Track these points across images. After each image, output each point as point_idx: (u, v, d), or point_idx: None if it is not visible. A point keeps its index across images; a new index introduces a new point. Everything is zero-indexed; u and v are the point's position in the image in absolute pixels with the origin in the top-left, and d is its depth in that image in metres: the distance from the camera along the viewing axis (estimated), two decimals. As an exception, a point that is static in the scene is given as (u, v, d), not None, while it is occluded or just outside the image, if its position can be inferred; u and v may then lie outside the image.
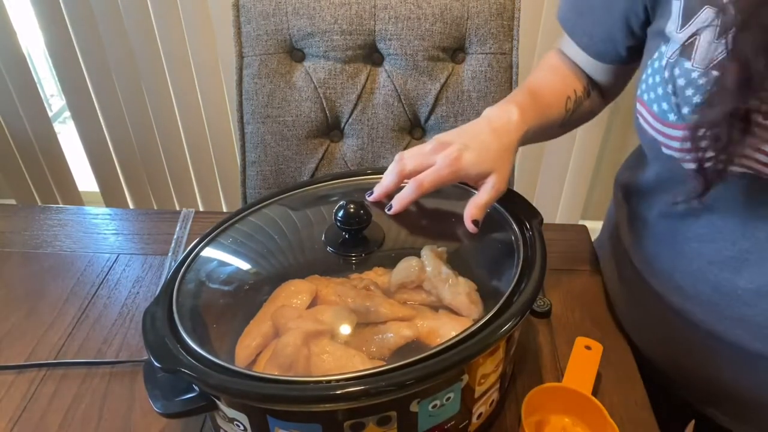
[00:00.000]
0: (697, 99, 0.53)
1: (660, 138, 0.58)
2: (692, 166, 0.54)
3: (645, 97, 0.59)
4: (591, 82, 0.75)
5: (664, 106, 0.56)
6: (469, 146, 0.61)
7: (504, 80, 1.03)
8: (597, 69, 0.73)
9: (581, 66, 0.74)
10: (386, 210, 0.63)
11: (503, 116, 0.64)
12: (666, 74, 0.56)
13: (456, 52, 1.03)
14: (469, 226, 0.60)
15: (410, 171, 0.62)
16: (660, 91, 0.57)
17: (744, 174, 0.53)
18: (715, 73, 0.51)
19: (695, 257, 0.62)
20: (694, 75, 0.53)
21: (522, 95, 0.68)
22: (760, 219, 0.56)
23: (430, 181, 0.60)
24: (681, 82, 0.54)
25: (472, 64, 1.02)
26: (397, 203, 0.62)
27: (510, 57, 1.02)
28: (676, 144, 0.56)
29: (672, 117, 0.55)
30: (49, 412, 0.65)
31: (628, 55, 0.67)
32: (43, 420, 0.64)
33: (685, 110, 0.54)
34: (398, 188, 0.63)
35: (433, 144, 0.63)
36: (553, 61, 0.76)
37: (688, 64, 0.53)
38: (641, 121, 0.61)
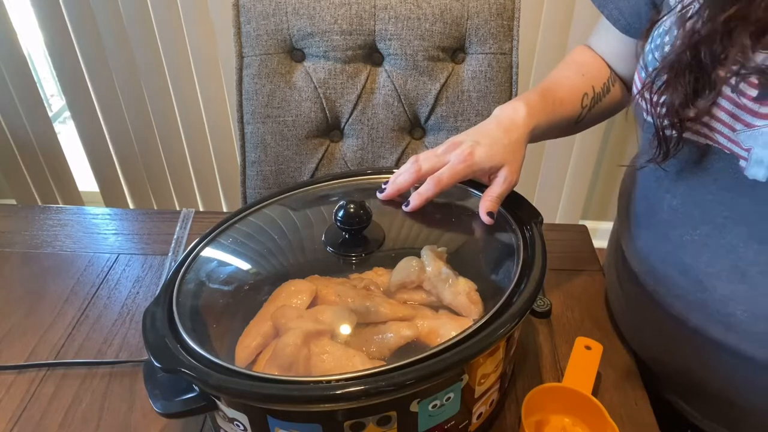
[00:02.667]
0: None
1: (642, 103, 0.60)
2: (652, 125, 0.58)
3: (640, 62, 0.62)
4: (614, 77, 0.76)
5: (651, 70, 0.58)
6: (480, 142, 0.64)
7: (504, 80, 1.03)
8: (623, 52, 0.73)
9: (608, 55, 0.76)
10: (403, 206, 0.65)
11: (511, 113, 0.67)
12: (658, 41, 0.58)
13: (456, 52, 1.03)
14: (485, 218, 0.63)
15: (426, 170, 0.64)
16: (650, 57, 0.59)
17: (701, 148, 0.56)
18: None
19: (664, 240, 0.64)
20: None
21: (533, 93, 0.70)
22: (718, 203, 0.57)
23: (448, 177, 0.63)
24: (668, 48, 0.56)
25: (472, 64, 1.02)
26: (416, 199, 0.64)
27: (510, 57, 1.02)
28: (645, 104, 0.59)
29: None
30: (49, 412, 0.65)
31: None
32: (43, 420, 0.64)
33: None
34: (411, 188, 0.66)
35: (445, 145, 0.66)
36: (576, 57, 0.78)
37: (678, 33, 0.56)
38: (634, 89, 0.63)
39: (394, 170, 0.74)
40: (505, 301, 0.53)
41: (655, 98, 0.57)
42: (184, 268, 0.61)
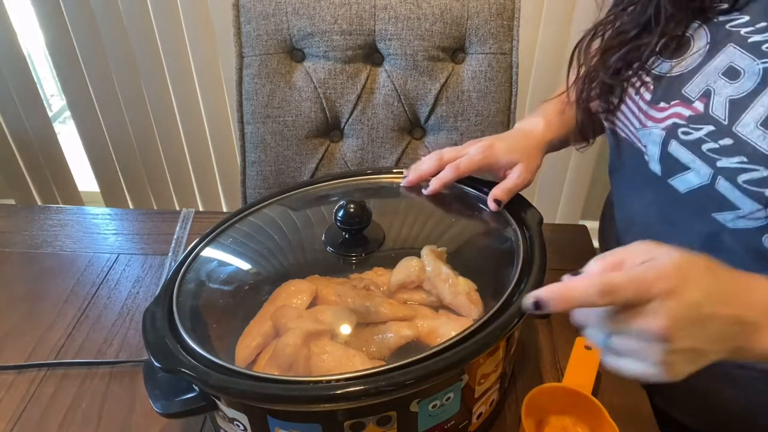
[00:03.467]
0: None
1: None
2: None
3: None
4: None
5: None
6: (500, 138, 0.70)
7: (504, 80, 1.03)
8: None
9: None
10: (423, 190, 0.69)
11: (530, 126, 0.73)
12: None
13: (456, 52, 1.03)
14: (491, 204, 0.65)
15: (447, 160, 0.69)
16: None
17: (621, 141, 0.64)
18: None
19: (618, 220, 0.72)
20: None
21: (552, 105, 0.76)
22: (643, 187, 0.63)
23: (466, 164, 0.67)
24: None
25: (472, 64, 1.02)
26: (436, 183, 0.68)
27: (510, 57, 1.02)
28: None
29: None
30: (49, 412, 0.65)
31: None
32: (43, 420, 0.64)
33: None
34: (431, 176, 0.69)
35: (467, 142, 0.71)
36: None
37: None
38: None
39: (395, 170, 0.74)
40: (505, 300, 0.53)
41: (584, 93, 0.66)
42: (184, 268, 0.61)
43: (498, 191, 0.66)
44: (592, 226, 0.89)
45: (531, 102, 1.65)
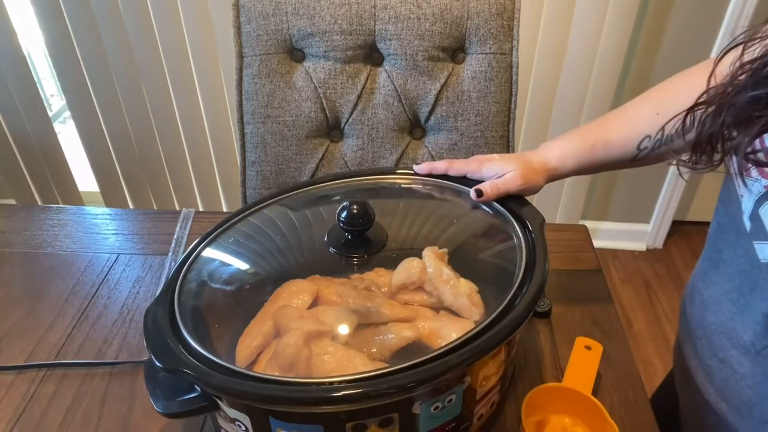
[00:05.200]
0: None
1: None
2: None
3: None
4: None
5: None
6: (503, 155, 0.73)
7: (504, 80, 1.03)
8: None
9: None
10: (414, 166, 0.74)
11: (540, 150, 0.74)
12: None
13: (456, 52, 1.03)
14: (472, 192, 0.68)
15: (457, 164, 0.73)
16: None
17: (728, 178, 0.57)
18: None
19: (703, 259, 0.65)
20: None
21: (575, 134, 0.73)
22: (734, 235, 0.57)
23: (460, 162, 0.72)
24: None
25: (472, 64, 1.02)
26: (425, 166, 0.73)
27: (510, 57, 1.02)
28: None
29: None
30: (49, 412, 0.65)
31: None
32: (43, 420, 0.64)
33: None
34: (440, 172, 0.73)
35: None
36: (667, 87, 0.69)
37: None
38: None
39: (399, 171, 0.74)
40: (508, 303, 0.52)
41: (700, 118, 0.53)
42: (185, 267, 0.61)
43: (485, 184, 0.68)
44: (592, 226, 0.89)
45: (531, 102, 1.66)
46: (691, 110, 0.53)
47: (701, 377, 0.63)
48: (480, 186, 0.67)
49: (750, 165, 0.51)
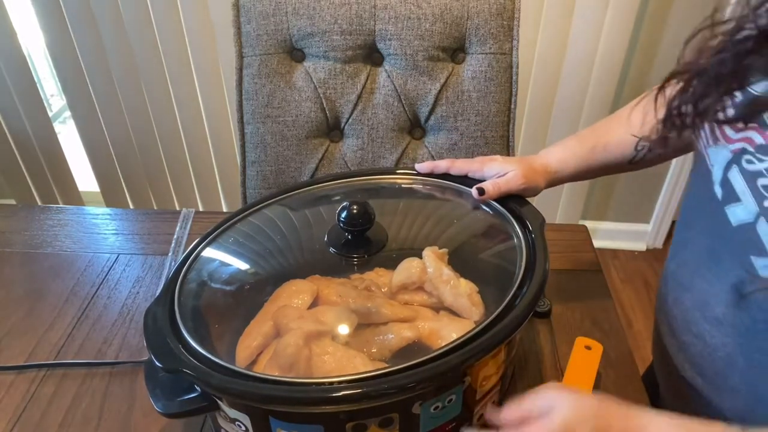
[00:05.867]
0: None
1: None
2: None
3: None
4: None
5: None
6: (505, 157, 0.73)
7: (504, 80, 1.03)
8: None
9: None
10: (416, 165, 0.73)
11: (541, 154, 0.75)
12: None
13: (456, 52, 1.03)
14: (473, 191, 0.68)
15: (458, 164, 0.73)
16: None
17: (698, 153, 0.59)
18: None
19: (674, 243, 0.67)
20: None
21: (574, 138, 0.75)
22: (702, 210, 0.59)
23: (462, 162, 0.72)
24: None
25: (472, 64, 1.02)
26: (427, 165, 0.73)
27: (510, 57, 1.02)
28: None
29: None
30: (49, 412, 0.65)
31: None
32: (43, 420, 0.64)
33: None
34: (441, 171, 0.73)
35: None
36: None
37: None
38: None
39: (399, 171, 0.74)
40: (508, 303, 0.52)
41: (669, 93, 0.59)
42: (185, 267, 0.61)
43: (487, 183, 0.68)
44: (592, 226, 0.89)
45: (531, 102, 1.66)
46: (662, 88, 0.59)
47: (678, 355, 0.63)
48: (481, 184, 0.68)
49: (718, 133, 0.54)
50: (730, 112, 0.53)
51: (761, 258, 0.49)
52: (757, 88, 0.52)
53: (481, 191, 0.67)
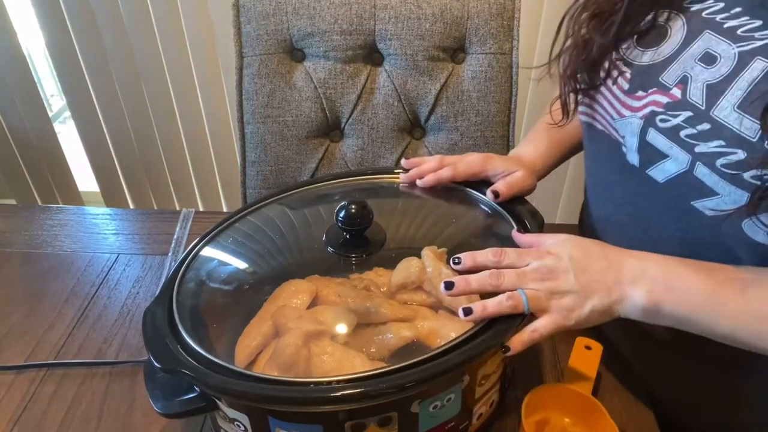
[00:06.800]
0: None
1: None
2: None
3: None
4: None
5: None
6: (499, 155, 0.73)
7: (504, 80, 1.03)
8: None
9: None
10: (418, 182, 0.71)
11: (521, 152, 0.77)
12: None
13: (456, 52, 1.03)
14: (489, 195, 0.68)
15: (447, 162, 0.72)
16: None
17: (598, 132, 0.64)
18: None
19: (589, 217, 0.71)
20: None
21: (541, 134, 0.78)
22: (614, 184, 0.63)
23: (464, 165, 0.71)
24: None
25: (472, 64, 1.02)
26: (432, 177, 0.71)
27: (510, 57, 1.02)
28: None
29: None
30: (49, 412, 0.65)
31: None
32: (43, 420, 0.64)
33: None
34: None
35: (468, 153, 0.74)
36: None
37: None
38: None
39: (395, 170, 0.74)
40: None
41: (562, 65, 0.65)
42: (184, 267, 0.61)
43: (499, 184, 0.68)
44: (592, 226, 0.89)
45: (531, 102, 1.65)
46: (558, 56, 0.64)
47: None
48: (494, 187, 0.68)
49: (619, 106, 0.59)
50: (625, 85, 0.58)
51: (705, 199, 0.52)
52: (644, 58, 0.57)
53: (496, 194, 0.67)
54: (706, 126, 0.51)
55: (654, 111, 0.55)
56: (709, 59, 0.52)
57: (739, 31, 0.51)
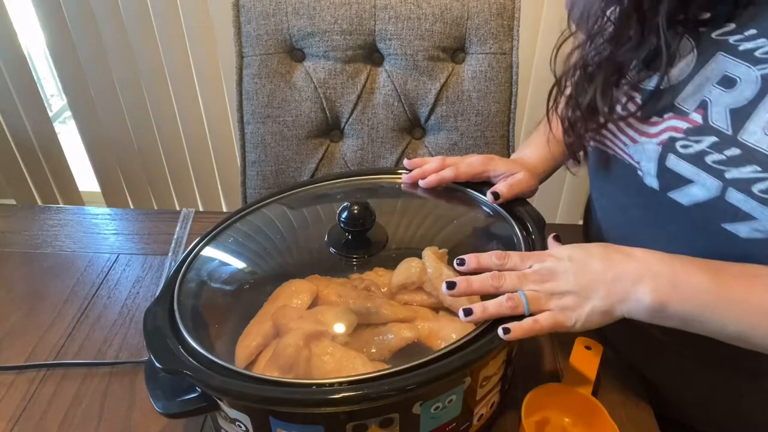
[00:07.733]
0: None
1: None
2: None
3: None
4: None
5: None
6: (501, 157, 0.73)
7: (504, 80, 1.03)
8: None
9: None
10: (420, 182, 0.71)
11: (523, 155, 0.76)
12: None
13: (456, 52, 1.03)
14: (489, 196, 0.68)
15: (449, 162, 0.71)
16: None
17: (610, 157, 0.62)
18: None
19: (599, 239, 0.70)
20: None
21: (538, 140, 0.77)
22: (633, 206, 0.62)
23: (466, 166, 0.71)
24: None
25: (472, 64, 1.02)
26: (434, 177, 0.70)
27: (510, 57, 1.02)
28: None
29: None
30: (49, 412, 0.65)
31: None
32: (43, 420, 0.64)
33: None
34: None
35: (470, 154, 0.74)
36: None
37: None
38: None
39: (399, 171, 0.74)
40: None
41: (560, 111, 0.63)
42: (184, 267, 0.61)
43: (500, 185, 0.68)
44: (593, 226, 0.89)
45: (531, 102, 1.65)
46: (554, 106, 0.63)
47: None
48: (495, 188, 0.68)
49: (633, 133, 0.57)
50: (636, 111, 0.56)
51: (738, 223, 0.51)
52: (651, 84, 0.56)
53: (496, 196, 0.67)
54: (736, 151, 0.49)
55: (673, 137, 0.54)
56: (727, 82, 0.51)
57: (757, 53, 0.50)
